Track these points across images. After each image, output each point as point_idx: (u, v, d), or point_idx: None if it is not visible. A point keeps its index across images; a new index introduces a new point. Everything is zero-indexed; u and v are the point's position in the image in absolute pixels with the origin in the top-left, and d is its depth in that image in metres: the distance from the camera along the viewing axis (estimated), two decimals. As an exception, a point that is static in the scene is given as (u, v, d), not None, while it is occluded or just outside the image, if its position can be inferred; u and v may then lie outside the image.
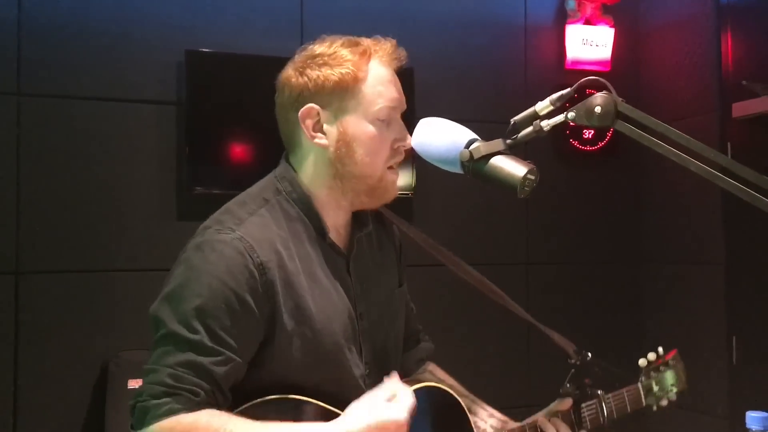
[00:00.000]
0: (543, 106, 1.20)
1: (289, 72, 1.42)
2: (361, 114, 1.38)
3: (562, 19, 3.73)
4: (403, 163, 1.45)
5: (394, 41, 1.45)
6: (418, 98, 3.33)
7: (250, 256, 1.30)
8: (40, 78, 2.91)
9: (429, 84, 3.39)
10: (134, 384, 2.79)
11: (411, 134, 1.38)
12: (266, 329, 1.32)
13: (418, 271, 3.31)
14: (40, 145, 2.90)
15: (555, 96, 1.20)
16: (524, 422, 1.59)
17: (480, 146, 1.24)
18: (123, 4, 3.03)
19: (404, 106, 1.44)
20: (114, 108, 3.01)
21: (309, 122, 1.39)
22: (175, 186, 3.07)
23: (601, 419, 1.63)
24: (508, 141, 1.23)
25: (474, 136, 1.28)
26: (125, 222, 3.00)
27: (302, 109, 1.39)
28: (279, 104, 1.45)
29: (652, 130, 1.12)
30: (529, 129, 1.21)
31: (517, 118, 1.22)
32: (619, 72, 3.76)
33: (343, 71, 1.37)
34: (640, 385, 1.73)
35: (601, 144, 3.74)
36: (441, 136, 1.29)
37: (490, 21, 3.63)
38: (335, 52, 1.38)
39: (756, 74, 3.20)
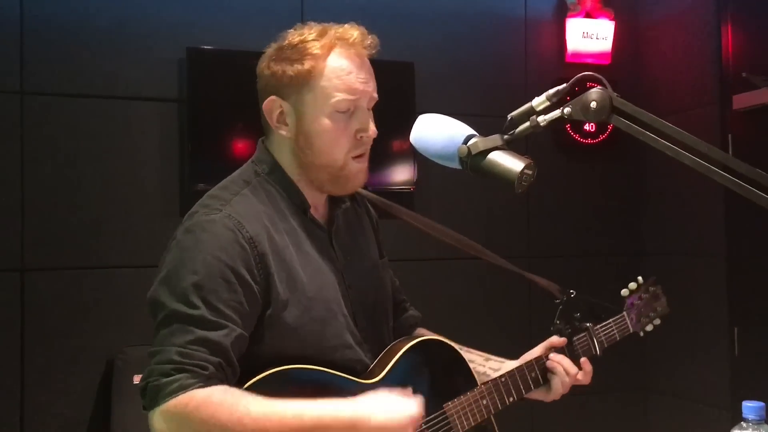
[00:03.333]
0: (539, 101, 1.21)
1: (262, 64, 1.48)
2: (318, 107, 1.42)
3: (562, 12, 3.73)
4: (404, 158, 1.48)
5: (362, 29, 1.46)
6: (418, 92, 3.34)
7: (240, 232, 1.34)
8: (42, 76, 2.93)
9: (429, 78, 3.40)
10: (139, 379, 2.81)
11: (409, 130, 1.39)
12: (263, 300, 1.35)
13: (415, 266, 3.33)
14: (43, 142, 2.92)
15: (551, 91, 1.21)
16: (523, 359, 1.66)
17: (478, 142, 1.25)
18: (125, 2, 3.05)
19: (371, 96, 1.46)
20: (116, 105, 3.03)
21: (273, 113, 1.44)
22: (178, 182, 3.09)
23: (593, 350, 1.72)
24: (506, 136, 1.24)
25: (472, 131, 1.29)
26: (129, 218, 3.02)
27: (266, 101, 1.45)
28: (258, 92, 1.50)
29: (648, 124, 1.13)
30: (526, 124, 1.22)
31: (513, 113, 1.23)
32: (620, 65, 3.77)
33: (300, 67, 1.40)
34: (625, 313, 1.82)
35: (602, 137, 3.75)
36: (439, 132, 1.30)
37: (490, 14, 3.64)
38: (297, 45, 1.42)
39: (756, 66, 3.20)
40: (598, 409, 3.66)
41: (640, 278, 1.88)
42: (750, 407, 1.16)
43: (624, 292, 1.85)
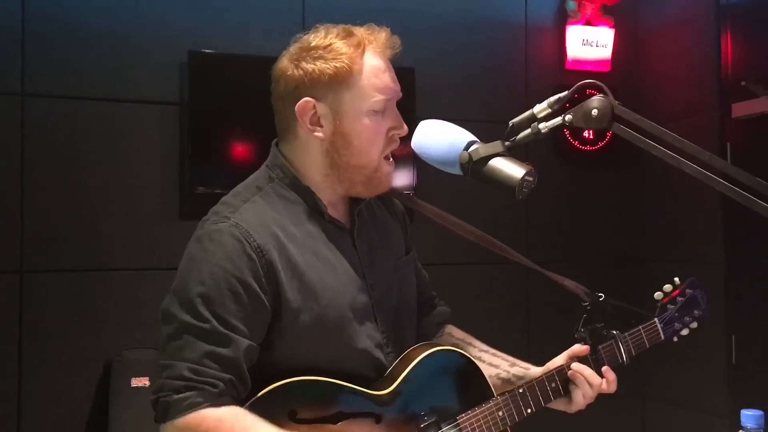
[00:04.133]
0: (541, 108, 1.22)
1: (285, 63, 1.43)
2: (357, 106, 1.40)
3: (562, 19, 3.74)
4: (404, 163, 1.47)
5: (387, 30, 1.46)
6: (419, 98, 3.35)
7: (247, 241, 1.33)
8: (43, 78, 2.93)
9: (430, 84, 3.40)
10: (137, 382, 2.81)
11: (411, 135, 1.40)
12: (273, 310, 1.34)
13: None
14: (44, 145, 2.93)
15: (553, 99, 1.21)
16: (546, 368, 1.60)
17: (479, 148, 1.25)
18: (126, 5, 3.05)
19: (399, 95, 1.46)
20: (117, 108, 3.03)
21: (306, 115, 1.40)
22: (178, 185, 3.09)
23: (620, 359, 1.62)
24: (507, 143, 1.25)
25: (473, 137, 1.30)
26: (128, 221, 3.02)
27: (299, 103, 1.39)
28: (275, 95, 1.46)
29: (648, 132, 1.13)
30: (527, 131, 1.22)
31: (515, 120, 1.24)
32: (620, 72, 3.78)
33: (338, 65, 1.38)
34: (657, 319, 1.70)
35: (601, 144, 3.76)
36: (440, 138, 1.31)
37: (490, 21, 3.65)
38: (330, 45, 1.40)
39: (755, 75, 3.21)
40: (595, 416, 3.64)
41: (676, 279, 1.76)
42: (749, 416, 1.17)
43: (657, 294, 1.73)
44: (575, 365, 1.58)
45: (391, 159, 1.46)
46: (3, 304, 2.84)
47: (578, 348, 1.60)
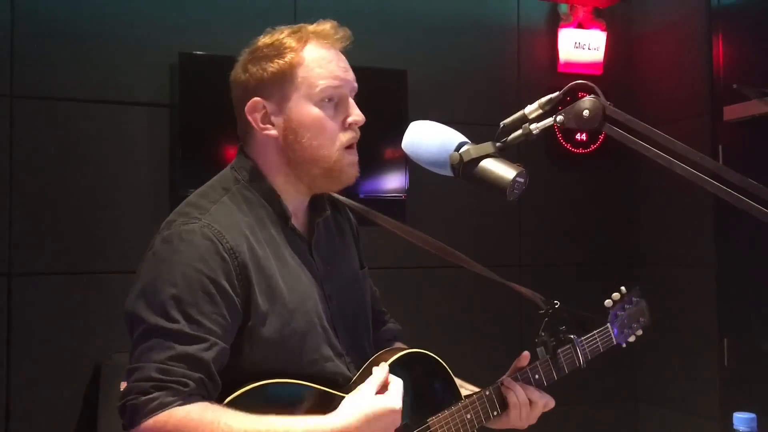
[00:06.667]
0: (532, 109, 1.21)
1: (237, 70, 1.46)
2: (303, 98, 1.40)
3: (554, 22, 3.75)
4: (396, 166, 1.46)
5: (333, 22, 1.46)
6: (411, 100, 3.35)
7: (220, 242, 1.31)
8: (33, 80, 2.92)
9: (422, 86, 3.40)
10: (118, 398, 2.79)
11: (402, 137, 1.38)
12: (243, 312, 1.32)
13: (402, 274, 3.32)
14: (33, 146, 2.91)
15: (544, 99, 1.20)
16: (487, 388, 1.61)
17: (470, 149, 1.24)
18: (116, 6, 3.04)
19: (353, 85, 1.45)
20: (107, 110, 3.02)
21: (256, 115, 1.41)
22: (168, 188, 3.08)
23: (578, 362, 1.68)
24: (498, 144, 1.24)
25: (464, 138, 1.29)
26: (118, 224, 3.00)
27: (248, 104, 1.41)
28: (233, 102, 1.48)
29: (640, 133, 1.13)
30: (519, 132, 1.21)
31: (506, 121, 1.23)
32: (612, 75, 3.78)
33: (280, 61, 1.39)
34: (609, 325, 1.79)
35: (593, 146, 3.76)
36: (431, 139, 1.29)
37: (483, 23, 3.65)
38: (272, 43, 1.42)
39: (747, 78, 3.22)
40: (589, 419, 3.66)
41: (623, 288, 1.84)
42: (741, 418, 1.16)
43: (608, 302, 1.81)
44: (507, 381, 1.59)
45: (353, 149, 1.45)
46: (-9, 308, 2.82)
47: (519, 359, 1.64)
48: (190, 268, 1.28)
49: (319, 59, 1.41)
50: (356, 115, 1.44)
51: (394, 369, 1.45)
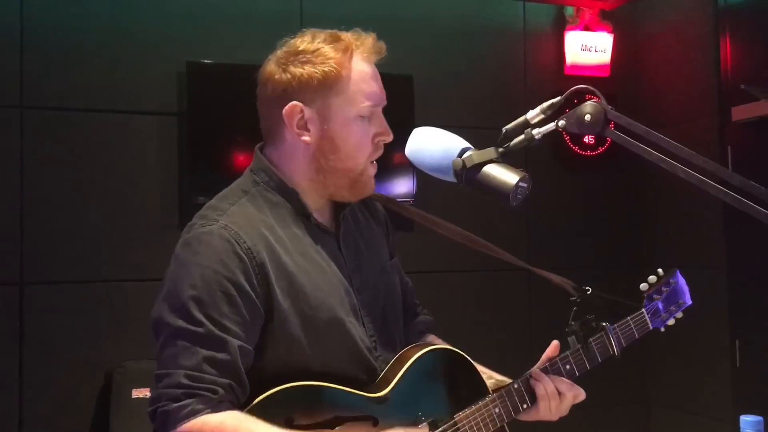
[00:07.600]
0: (534, 114, 1.21)
1: (272, 67, 1.42)
2: (344, 112, 1.40)
3: (561, 25, 3.74)
4: (403, 171, 1.47)
5: (373, 35, 1.46)
6: (417, 105, 3.35)
7: (237, 243, 1.31)
8: (42, 91, 2.94)
9: (428, 90, 3.41)
10: (138, 393, 2.80)
11: (406, 142, 1.39)
12: (265, 312, 1.33)
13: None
14: (43, 157, 2.93)
15: (546, 104, 1.21)
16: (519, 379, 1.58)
17: (472, 155, 1.25)
18: (124, 16, 3.06)
19: (385, 101, 1.46)
20: (116, 119, 3.04)
21: (293, 119, 1.40)
22: (177, 195, 3.09)
23: (611, 350, 1.62)
24: (501, 149, 1.24)
25: (467, 144, 1.29)
26: (128, 232, 3.02)
27: (286, 107, 1.39)
28: (261, 99, 1.46)
29: (642, 137, 1.13)
30: (521, 137, 1.22)
31: (508, 126, 1.23)
32: (619, 77, 3.77)
33: (327, 69, 1.37)
34: (644, 310, 1.72)
35: (601, 149, 3.75)
36: (434, 145, 1.30)
37: (489, 28, 3.65)
38: (318, 49, 1.40)
39: (754, 78, 3.20)
40: (600, 422, 3.64)
41: (660, 270, 1.78)
42: (748, 421, 1.16)
43: (643, 286, 1.75)
44: (536, 374, 1.56)
45: (375, 164, 1.47)
46: (3, 316, 2.84)
47: (550, 349, 1.61)
48: (209, 270, 1.29)
49: (364, 75, 1.41)
50: (388, 134, 1.45)
51: (418, 365, 1.46)
